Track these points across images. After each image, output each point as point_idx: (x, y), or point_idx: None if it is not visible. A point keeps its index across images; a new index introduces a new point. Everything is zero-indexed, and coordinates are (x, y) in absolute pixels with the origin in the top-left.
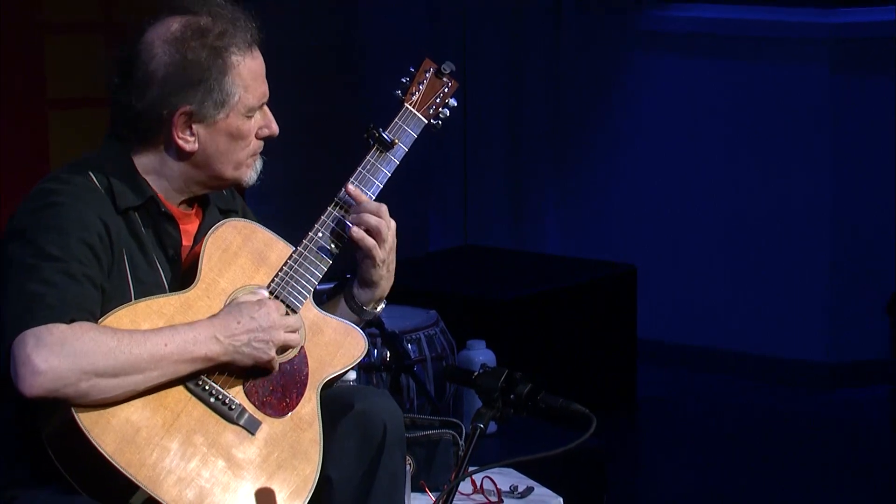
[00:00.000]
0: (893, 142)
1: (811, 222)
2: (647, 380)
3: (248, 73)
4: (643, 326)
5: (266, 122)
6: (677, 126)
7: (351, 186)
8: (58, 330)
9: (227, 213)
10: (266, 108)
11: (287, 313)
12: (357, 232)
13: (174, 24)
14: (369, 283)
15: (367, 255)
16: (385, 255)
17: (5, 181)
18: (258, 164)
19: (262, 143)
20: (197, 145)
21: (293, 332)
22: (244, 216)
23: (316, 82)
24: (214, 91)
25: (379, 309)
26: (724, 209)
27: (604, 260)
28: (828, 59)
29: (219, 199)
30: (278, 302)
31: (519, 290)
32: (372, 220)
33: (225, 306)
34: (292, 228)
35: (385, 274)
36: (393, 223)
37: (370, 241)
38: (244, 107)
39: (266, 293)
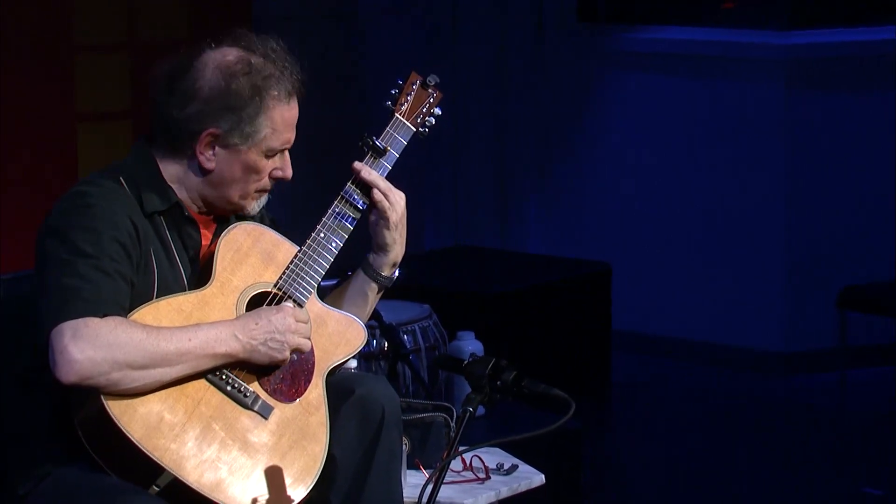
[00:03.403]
0: (842, 150)
1: (768, 224)
2: (620, 367)
3: (279, 118)
4: (617, 319)
5: (282, 166)
6: (647, 137)
7: (357, 164)
8: (93, 323)
9: (241, 219)
10: (286, 153)
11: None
12: (376, 193)
13: (230, 55)
14: (383, 248)
15: (381, 217)
16: (397, 219)
17: (38, 187)
18: (263, 199)
19: (272, 183)
20: (214, 165)
21: (306, 337)
22: (262, 221)
23: (321, 98)
24: (244, 123)
25: (395, 275)
26: (690, 212)
27: (581, 258)
28: (784, 77)
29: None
30: (296, 308)
31: (505, 285)
32: (382, 183)
33: (237, 302)
34: (296, 229)
35: (398, 238)
36: (403, 194)
37: (385, 202)
38: (266, 146)
39: (290, 304)
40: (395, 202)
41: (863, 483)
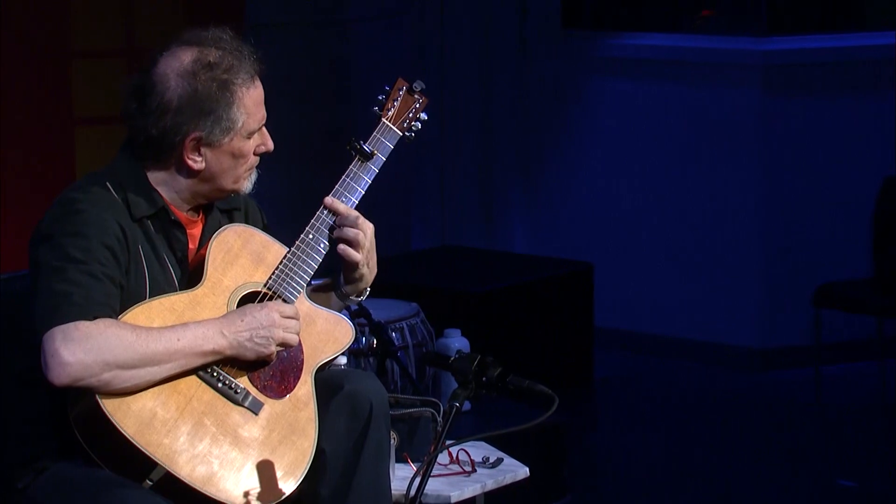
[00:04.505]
0: (817, 152)
1: (745, 225)
2: (602, 363)
3: (250, 101)
4: (599, 316)
5: (263, 140)
6: (628, 141)
7: (328, 199)
8: (83, 326)
9: (229, 213)
10: (263, 127)
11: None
12: (341, 247)
13: (186, 58)
14: (352, 281)
15: (349, 263)
16: (364, 257)
17: (36, 190)
18: (254, 176)
19: (258, 158)
20: (204, 165)
21: (293, 332)
22: (247, 210)
23: (314, 103)
24: (222, 119)
25: (363, 298)
26: (669, 214)
27: (564, 258)
28: (760, 82)
29: (221, 201)
30: (281, 304)
31: (490, 284)
32: (350, 232)
33: (228, 301)
34: (288, 230)
35: (366, 272)
36: (370, 226)
37: (351, 251)
38: (246, 130)
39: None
40: (361, 244)
41: (837, 475)
